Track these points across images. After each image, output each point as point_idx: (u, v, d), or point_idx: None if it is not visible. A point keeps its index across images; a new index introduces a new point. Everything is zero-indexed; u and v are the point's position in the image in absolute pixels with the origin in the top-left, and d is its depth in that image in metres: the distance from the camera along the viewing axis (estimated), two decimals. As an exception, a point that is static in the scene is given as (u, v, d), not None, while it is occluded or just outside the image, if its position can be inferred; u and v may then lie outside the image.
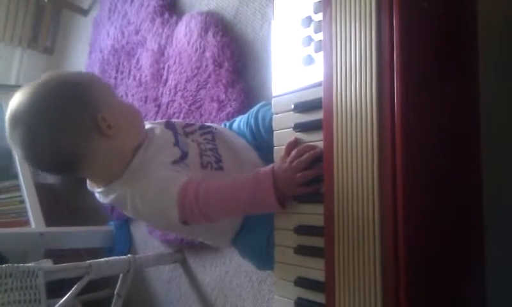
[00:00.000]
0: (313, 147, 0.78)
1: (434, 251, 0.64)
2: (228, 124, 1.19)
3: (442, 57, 0.68)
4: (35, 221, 2.00)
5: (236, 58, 1.36)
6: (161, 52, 1.90)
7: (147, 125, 1.01)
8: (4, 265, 1.42)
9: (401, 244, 0.60)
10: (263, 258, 0.99)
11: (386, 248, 0.61)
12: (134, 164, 0.92)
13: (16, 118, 0.87)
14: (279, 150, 0.86)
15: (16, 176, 2.30)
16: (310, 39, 0.80)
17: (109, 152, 0.92)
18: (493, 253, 0.69)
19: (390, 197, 0.61)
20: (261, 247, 0.98)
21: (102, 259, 1.56)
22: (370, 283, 0.63)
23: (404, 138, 0.61)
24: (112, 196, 0.94)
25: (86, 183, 0.97)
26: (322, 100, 0.74)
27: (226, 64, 1.36)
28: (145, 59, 2.02)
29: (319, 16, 0.78)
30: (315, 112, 0.78)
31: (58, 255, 2.00)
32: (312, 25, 0.80)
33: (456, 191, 0.67)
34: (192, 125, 1.04)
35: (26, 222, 2.06)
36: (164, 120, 1.02)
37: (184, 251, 1.68)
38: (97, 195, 0.98)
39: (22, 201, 2.21)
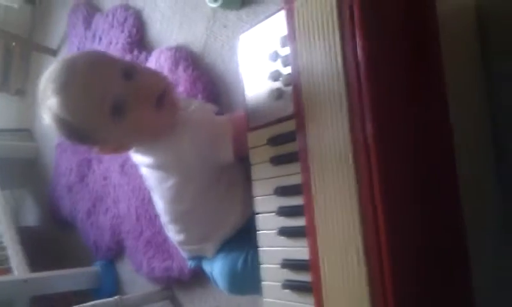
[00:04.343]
0: None
1: (418, 243, 0.65)
2: None
3: (409, 78, 0.69)
4: (18, 268, 1.95)
5: (209, 91, 1.36)
6: (134, 87, 1.88)
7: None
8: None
9: (384, 239, 0.61)
10: (236, 278, 1.01)
11: (370, 239, 0.63)
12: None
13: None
14: (257, 184, 0.86)
15: (-5, 223, 2.26)
16: (278, 73, 0.81)
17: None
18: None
19: (370, 208, 0.63)
20: (235, 267, 1.01)
21: (88, 304, 1.53)
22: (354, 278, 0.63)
23: (379, 152, 0.62)
24: (149, 160, 1.07)
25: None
26: (296, 132, 0.75)
27: (199, 97, 1.36)
28: (118, 95, 1.99)
29: (286, 50, 0.79)
30: (290, 144, 0.78)
31: (45, 300, 1.96)
32: (279, 60, 0.81)
33: (433, 196, 0.69)
34: None
35: (8, 270, 2.02)
36: None
37: (173, 287, 1.66)
38: (137, 158, 1.12)
39: (4, 248, 2.16)
